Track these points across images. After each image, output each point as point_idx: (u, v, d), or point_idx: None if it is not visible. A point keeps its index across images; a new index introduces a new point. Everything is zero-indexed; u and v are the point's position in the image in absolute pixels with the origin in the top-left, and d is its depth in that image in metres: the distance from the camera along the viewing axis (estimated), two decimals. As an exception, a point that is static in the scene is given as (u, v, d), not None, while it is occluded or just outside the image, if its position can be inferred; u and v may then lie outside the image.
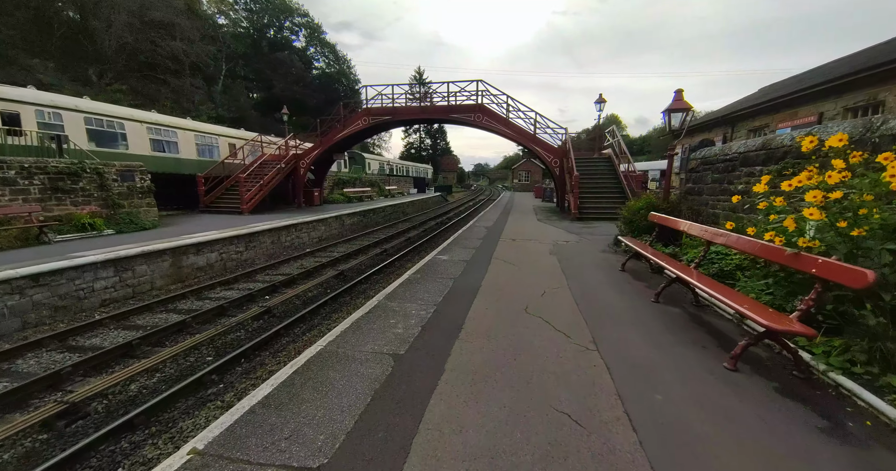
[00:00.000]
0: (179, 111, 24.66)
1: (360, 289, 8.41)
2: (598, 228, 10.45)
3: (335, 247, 13.21)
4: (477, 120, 16.12)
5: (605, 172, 14.89)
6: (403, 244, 13.85)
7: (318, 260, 11.14)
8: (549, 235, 9.43)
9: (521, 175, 49.51)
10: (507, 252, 7.20)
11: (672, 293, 4.54)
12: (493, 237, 8.96)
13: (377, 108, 17.02)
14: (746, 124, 13.61)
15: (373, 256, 11.73)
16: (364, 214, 18.14)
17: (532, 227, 11.00)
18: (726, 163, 6.03)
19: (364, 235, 15.64)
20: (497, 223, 11.84)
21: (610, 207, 12.86)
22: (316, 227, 14.10)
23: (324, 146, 17.47)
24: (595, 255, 7.05)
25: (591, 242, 8.43)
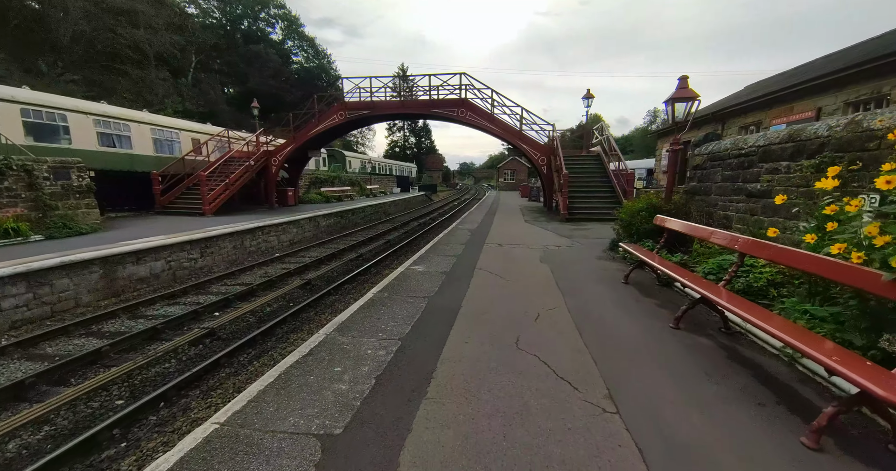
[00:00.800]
0: (141, 104, 22.93)
1: (328, 302, 7.38)
2: (590, 231, 9.68)
3: (307, 251, 12.10)
4: (460, 115, 15.21)
5: (595, 171, 14.21)
6: (382, 248, 12.84)
7: (285, 267, 10.04)
8: (538, 238, 8.60)
9: (507, 174, 48.89)
10: (492, 260, 6.31)
11: (691, 314, 3.72)
12: (477, 242, 8.07)
13: (354, 102, 15.92)
14: (738, 121, 13.12)
15: (347, 261, 10.68)
16: (342, 215, 17.02)
17: (519, 229, 10.16)
18: (741, 158, 5.28)
19: (341, 238, 14.54)
20: (482, 225, 10.96)
21: (601, 208, 12.16)
22: (287, 229, 12.94)
23: (297, 143, 16.25)
24: (591, 262, 6.22)
25: (585, 246, 7.63)
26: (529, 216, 13.52)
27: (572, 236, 8.85)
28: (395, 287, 4.69)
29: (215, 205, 13.47)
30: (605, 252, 7.06)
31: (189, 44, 28.79)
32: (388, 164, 40.23)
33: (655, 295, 4.52)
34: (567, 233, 9.36)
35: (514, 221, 11.96)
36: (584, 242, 8.06)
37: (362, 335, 3.26)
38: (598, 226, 10.51)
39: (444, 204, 30.00)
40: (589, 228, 10.08)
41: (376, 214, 21.02)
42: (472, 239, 8.41)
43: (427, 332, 3.33)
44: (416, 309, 3.91)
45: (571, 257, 6.63)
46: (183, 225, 11.01)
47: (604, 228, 9.91)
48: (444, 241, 8.24)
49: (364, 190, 26.49)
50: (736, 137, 5.38)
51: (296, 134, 16.28)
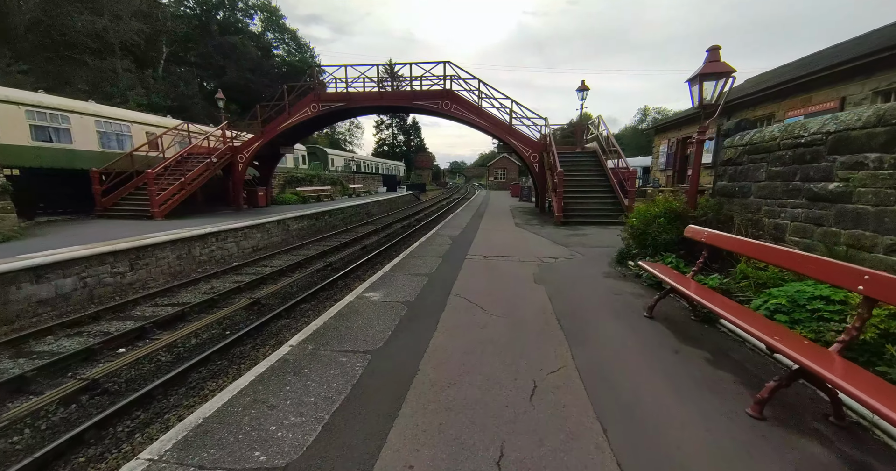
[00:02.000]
0: (101, 96, 21.00)
1: (274, 329, 5.94)
2: (589, 237, 8.38)
3: (271, 260, 10.60)
4: (445, 108, 13.81)
5: (591, 169, 12.94)
6: (357, 254, 11.40)
7: (238, 279, 8.57)
8: (531, 247, 7.26)
9: (497, 173, 47.60)
10: (473, 281, 4.94)
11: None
12: (457, 253, 6.68)
13: (328, 93, 14.40)
14: (746, 114, 11.97)
15: (312, 272, 9.22)
16: (317, 217, 15.49)
17: (509, 235, 8.81)
18: (798, 150, 3.98)
19: (313, 243, 13.05)
20: (466, 230, 9.58)
21: (599, 210, 10.89)
22: (249, 234, 11.41)
23: (265, 137, 14.67)
24: (598, 283, 4.89)
25: (587, 258, 6.31)
26: (520, 218, 12.19)
27: (570, 244, 7.53)
28: (327, 334, 3.24)
29: (167, 207, 11.85)
30: (611, 267, 5.74)
31: (157, 33, 26.79)
32: (374, 162, 38.57)
33: (698, 339, 3.19)
34: (563, 240, 8.04)
35: (503, 225, 10.61)
36: (584, 253, 6.74)
37: (228, 449, 1.84)
38: (597, 231, 9.22)
39: (431, 204, 28.57)
40: (587, 234, 8.78)
41: (357, 215, 19.52)
42: (453, 249, 7.02)
43: (345, 442, 1.92)
44: (346, 380, 2.50)
45: (572, 275, 5.30)
46: (121, 230, 9.42)
47: (604, 234, 8.62)
48: (419, 251, 6.83)
49: (346, 190, 24.91)
50: (786, 122, 4.15)
51: (264, 128, 14.68)
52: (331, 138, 68.76)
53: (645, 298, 4.23)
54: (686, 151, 15.41)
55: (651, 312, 3.69)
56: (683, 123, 15.37)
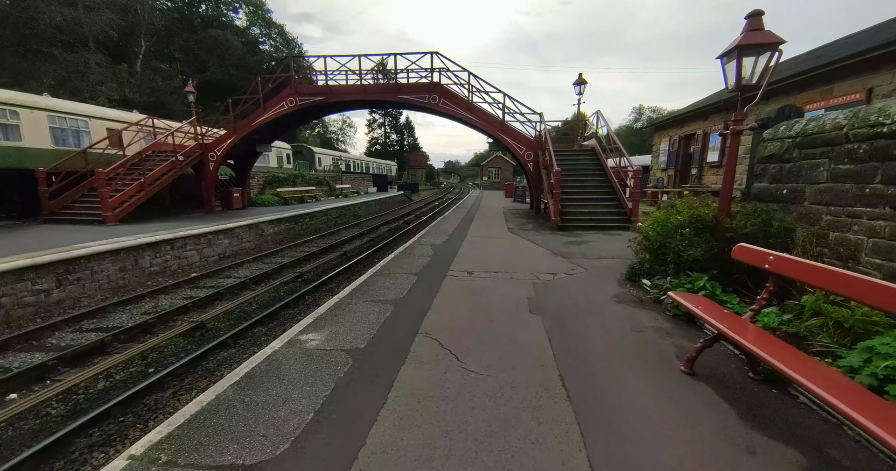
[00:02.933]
0: (68, 91, 19.63)
1: (210, 364, 4.82)
2: (590, 245, 7.34)
3: (236, 269, 9.47)
4: (432, 102, 12.72)
5: (590, 168, 11.93)
6: (335, 262, 10.30)
7: (190, 295, 7.45)
8: (525, 259, 6.21)
9: (491, 172, 46.56)
10: (451, 311, 3.87)
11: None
12: (437, 268, 5.61)
13: (305, 86, 13.25)
14: (759, 109, 11.00)
15: (279, 285, 8.11)
16: (296, 220, 14.34)
17: (500, 243, 7.75)
18: (878, 141, 2.95)
19: (290, 249, 11.93)
20: (453, 237, 8.50)
21: (600, 213, 9.87)
22: (215, 241, 10.24)
23: (238, 134, 13.48)
24: (611, 312, 3.85)
25: (592, 275, 5.26)
26: (514, 222, 11.15)
27: (569, 255, 6.48)
28: (206, 425, 2.09)
29: (123, 210, 10.65)
30: (622, 286, 4.70)
31: (136, 27, 25.35)
32: (365, 161, 37.31)
33: (773, 421, 2.15)
34: (562, 249, 7.00)
35: (494, 230, 9.56)
36: (587, 267, 5.69)
37: None
38: (598, 237, 8.20)
39: (423, 205, 27.47)
40: (588, 241, 7.74)
41: (343, 217, 18.38)
42: (433, 263, 5.94)
43: None
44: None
45: (576, 299, 4.24)
46: (62, 237, 8.23)
47: (607, 242, 7.60)
48: (392, 267, 5.73)
49: (333, 190, 23.72)
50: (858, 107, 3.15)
51: (237, 124, 13.50)
52: (323, 138, 67.35)
53: (674, 337, 3.19)
54: (689, 149, 14.46)
55: (691, 366, 2.65)
56: (686, 119, 14.42)
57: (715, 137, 12.55)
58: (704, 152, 13.12)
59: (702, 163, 13.26)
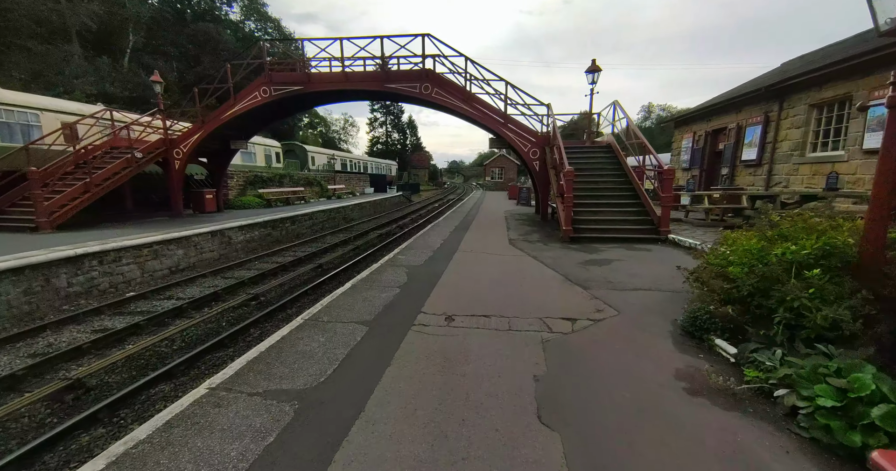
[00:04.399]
0: (42, 85, 18.20)
1: (88, 439, 3.17)
2: (615, 266, 5.58)
3: (184, 287, 7.88)
4: (424, 92, 11.02)
5: (606, 168, 10.14)
6: (306, 277, 8.65)
7: (105, 326, 5.87)
8: (531, 291, 4.48)
9: (494, 172, 44.69)
10: (397, 415, 2.17)
11: None
12: (403, 310, 3.89)
13: (281, 74, 11.60)
14: (808, 96, 9.16)
15: (225, 311, 6.46)
16: (275, 226, 12.72)
17: (498, 263, 6.02)
18: None
19: (261, 259, 10.32)
20: (439, 254, 6.76)
21: (619, 222, 8.10)
22: (164, 251, 8.63)
23: (207, 128, 11.89)
24: (688, 424, 2.11)
25: (630, 322, 3.52)
26: (517, 231, 9.41)
27: (591, 283, 4.75)
28: None
29: (62, 215, 9.08)
30: (683, 349, 2.96)
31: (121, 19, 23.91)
32: (363, 161, 35.63)
33: None
34: (578, 272, 5.26)
35: (492, 242, 7.82)
36: (619, 305, 3.96)
37: None
38: (623, 253, 6.44)
39: (420, 207, 25.78)
40: (611, 260, 5.99)
41: (331, 220, 16.74)
42: (400, 298, 4.22)
43: None
44: None
45: (616, 384, 2.52)
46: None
47: (635, 260, 5.84)
48: (339, 306, 4.01)
49: (325, 191, 22.10)
50: None
51: (205, 117, 11.90)
52: (325, 137, 65.89)
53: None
54: (717, 146, 12.63)
55: None
56: (715, 112, 12.57)
57: (752, 132, 10.72)
58: (738, 149, 11.29)
59: (734, 161, 11.43)
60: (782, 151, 9.83)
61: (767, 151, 10.20)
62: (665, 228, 7.40)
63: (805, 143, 9.29)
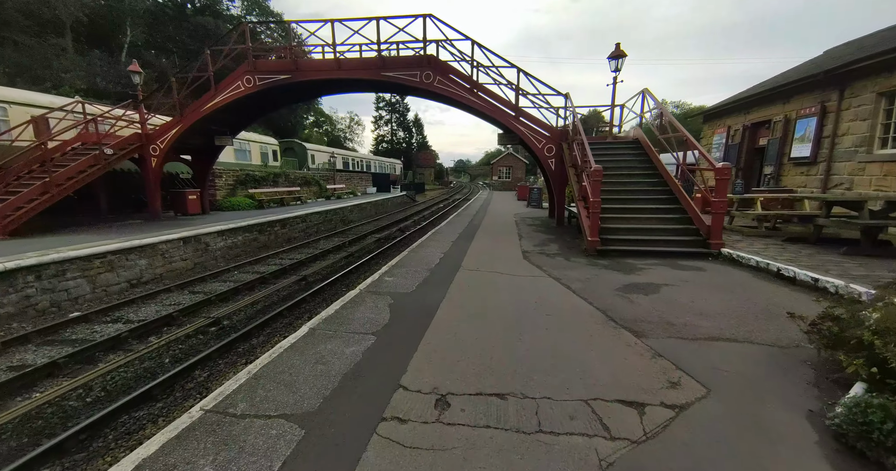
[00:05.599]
0: (28, 80, 17.23)
1: None
2: (668, 296, 4.18)
3: (140, 305, 6.68)
4: (425, 81, 9.68)
5: (636, 167, 8.70)
6: (287, 293, 7.37)
7: (25, 359, 4.64)
8: (561, 345, 3.13)
9: (502, 171, 43.15)
10: None
11: None
12: (372, 387, 2.58)
13: (266, 61, 10.36)
14: (875, 83, 7.62)
15: (176, 340, 5.19)
16: (262, 229, 11.51)
17: (512, 290, 4.66)
18: None
19: (241, 268, 9.11)
20: (436, 275, 5.40)
21: (656, 232, 6.66)
22: (121, 262, 7.44)
23: (186, 122, 10.69)
24: None
25: (739, 419, 2.13)
26: (530, 240, 8.04)
27: (643, 326, 3.38)
28: None
29: (15, 219, 7.93)
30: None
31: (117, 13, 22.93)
32: (366, 159, 34.37)
33: None
34: (621, 306, 3.89)
35: (502, 257, 6.46)
36: (703, 372, 2.58)
37: None
38: (668, 274, 5.04)
39: (424, 208, 24.46)
40: (658, 285, 4.59)
41: (328, 223, 15.51)
42: (370, 360, 2.88)
43: None
44: None
45: None
46: None
47: (692, 285, 4.44)
48: (280, 372, 2.70)
49: (324, 191, 20.89)
50: None
51: (183, 110, 10.71)
52: (330, 136, 64.88)
53: None
54: (757, 141, 11.10)
55: None
56: (754, 103, 11.03)
57: (804, 125, 9.19)
58: (786, 145, 9.76)
59: (780, 159, 9.90)
60: (843, 146, 8.30)
61: (824, 146, 8.68)
62: (717, 241, 5.97)
63: (872, 137, 7.76)
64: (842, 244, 5.82)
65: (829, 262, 4.98)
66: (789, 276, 4.58)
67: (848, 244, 5.62)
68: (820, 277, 4.24)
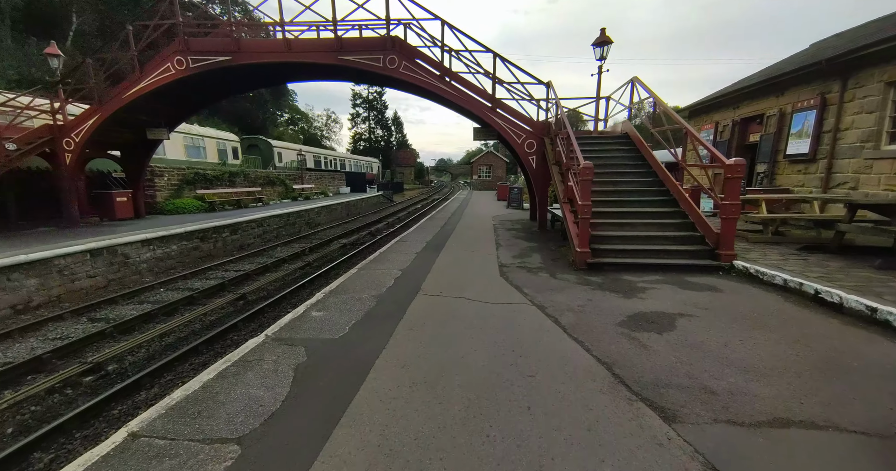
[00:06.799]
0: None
1: None
2: (690, 337, 3.06)
3: (19, 338, 5.10)
4: (389, 66, 8.38)
5: (627, 164, 7.67)
6: (213, 319, 5.90)
7: None
8: (556, 447, 1.94)
9: (482, 170, 42.11)
10: None
11: None
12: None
13: (201, 39, 8.81)
14: (884, 71, 6.84)
15: (24, 402, 3.71)
16: (205, 236, 9.93)
17: (483, 330, 3.48)
18: None
19: (171, 284, 7.58)
20: (383, 306, 4.15)
21: (655, 240, 5.59)
22: (3, 283, 5.82)
23: (105, 111, 9.01)
24: None
25: None
26: (510, 250, 6.87)
27: (673, 401, 2.24)
28: None
29: None
30: None
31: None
32: (339, 158, 32.58)
33: None
34: (632, 358, 2.76)
35: (473, 275, 5.27)
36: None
37: None
38: (678, 298, 3.94)
39: (400, 209, 23.10)
40: (672, 316, 3.49)
41: (290, 227, 13.96)
42: None
43: None
44: None
45: None
46: None
47: (714, 317, 3.32)
48: None
49: (290, 191, 19.21)
50: None
51: (102, 97, 9.02)
52: (306, 134, 62.20)
53: None
54: (748, 138, 10.34)
55: None
56: (745, 96, 10.25)
57: (801, 119, 8.41)
58: (780, 141, 8.98)
59: (775, 156, 9.13)
60: (846, 142, 7.52)
61: (825, 142, 7.90)
62: (729, 252, 4.96)
63: (880, 132, 6.99)
64: (870, 254, 4.92)
65: (871, 280, 4.01)
66: (833, 301, 3.57)
67: (880, 255, 4.71)
68: (878, 306, 3.23)
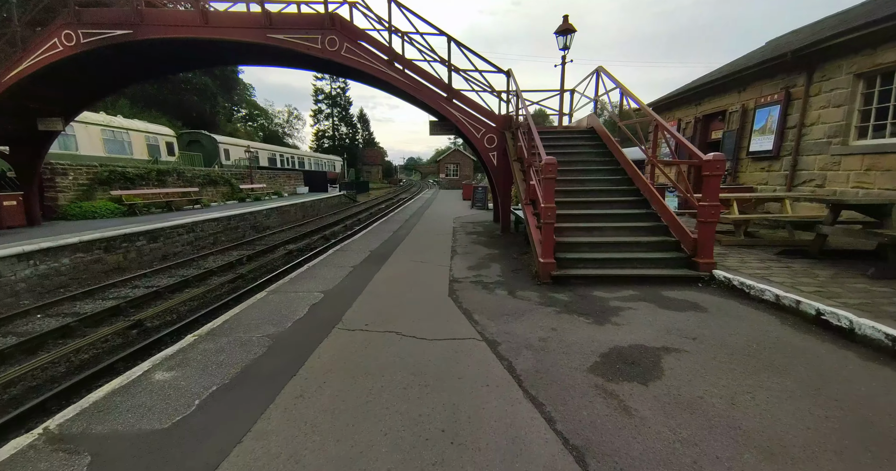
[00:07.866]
0: None
1: None
2: (677, 387, 2.24)
3: None
4: (329, 48, 7.22)
5: (593, 161, 6.99)
6: (89, 357, 4.50)
7: None
8: None
9: (449, 169, 41.31)
10: None
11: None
12: None
13: (96, 10, 7.24)
14: (853, 63, 6.57)
15: None
16: (111, 246, 8.34)
17: (404, 388, 2.56)
18: None
19: (51, 308, 6.01)
20: (271, 358, 3.14)
21: (625, 246, 4.83)
22: None
23: (-30, 96, 7.22)
24: None
25: None
26: (466, 260, 5.97)
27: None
28: None
29: None
30: None
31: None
32: (298, 156, 30.53)
33: None
34: (604, 426, 1.91)
35: (417, 295, 4.32)
36: None
37: None
38: (658, 322, 3.16)
39: (362, 209, 21.75)
40: (655, 350, 2.70)
41: (229, 232, 12.38)
42: None
43: None
44: None
45: None
46: None
47: (707, 351, 2.45)
48: None
49: (237, 192, 17.39)
50: None
51: (-36, 77, 7.23)
52: (266, 131, 58.66)
53: None
54: (710, 135, 10.09)
55: None
56: (706, 92, 9.97)
57: (764, 114, 8.12)
58: (743, 138, 8.70)
59: (738, 153, 8.85)
60: (812, 137, 7.25)
61: (789, 138, 7.62)
62: (707, 260, 4.31)
63: (848, 126, 6.73)
64: (855, 259, 4.45)
65: (872, 294, 3.44)
66: (840, 326, 2.92)
67: (865, 261, 4.23)
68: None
